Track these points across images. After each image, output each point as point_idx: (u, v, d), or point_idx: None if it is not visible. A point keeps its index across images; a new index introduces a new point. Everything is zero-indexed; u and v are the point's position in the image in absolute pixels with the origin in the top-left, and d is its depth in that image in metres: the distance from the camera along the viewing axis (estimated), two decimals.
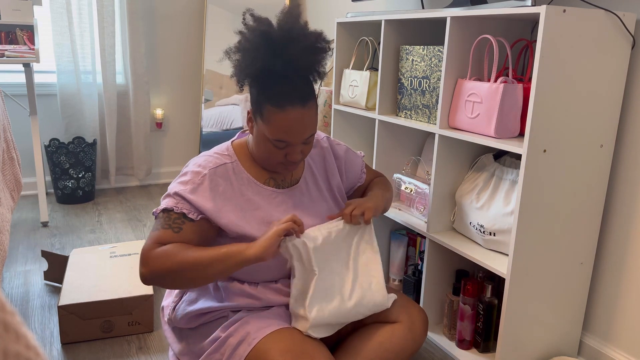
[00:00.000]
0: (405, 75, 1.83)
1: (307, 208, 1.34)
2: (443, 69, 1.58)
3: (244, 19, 1.21)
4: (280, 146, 1.22)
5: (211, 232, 1.25)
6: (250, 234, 1.24)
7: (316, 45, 1.20)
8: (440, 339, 1.77)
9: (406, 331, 1.34)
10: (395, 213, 1.91)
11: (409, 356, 1.34)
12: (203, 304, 1.30)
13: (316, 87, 1.29)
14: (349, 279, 1.29)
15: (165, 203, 1.22)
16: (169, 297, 1.42)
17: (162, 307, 1.44)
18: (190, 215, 1.20)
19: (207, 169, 1.24)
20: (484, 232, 1.59)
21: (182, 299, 1.36)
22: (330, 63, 2.44)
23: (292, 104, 1.16)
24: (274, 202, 1.30)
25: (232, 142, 1.34)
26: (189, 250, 1.17)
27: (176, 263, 1.15)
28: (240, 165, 1.29)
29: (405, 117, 1.85)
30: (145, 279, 1.18)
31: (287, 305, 1.31)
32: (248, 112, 1.27)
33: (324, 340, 1.37)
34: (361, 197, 1.50)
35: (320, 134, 1.47)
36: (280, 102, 1.16)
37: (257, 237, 1.24)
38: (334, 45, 1.97)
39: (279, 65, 1.16)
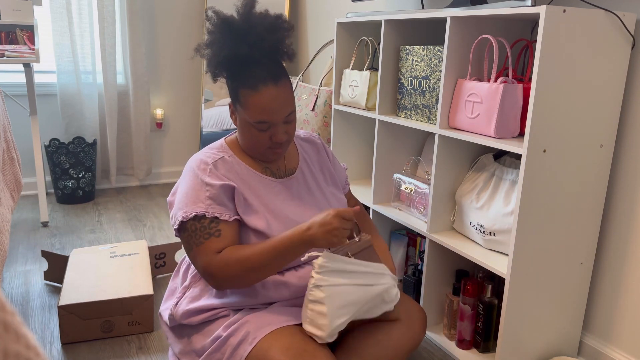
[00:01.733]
0: (405, 75, 1.83)
1: (304, 197, 1.37)
2: (443, 69, 1.58)
3: (207, 16, 1.25)
4: (263, 128, 1.24)
5: (243, 228, 1.28)
6: (258, 227, 1.26)
7: (275, 25, 1.24)
8: (440, 339, 1.77)
9: (404, 329, 1.34)
10: (395, 213, 1.91)
11: (407, 354, 1.35)
12: (205, 301, 1.31)
13: (288, 67, 1.34)
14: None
15: (193, 210, 1.22)
16: (168, 301, 1.42)
17: (160, 313, 1.43)
18: (223, 218, 1.22)
19: (211, 161, 1.28)
20: (484, 232, 1.59)
21: (185, 295, 1.36)
22: (330, 63, 2.44)
23: (264, 83, 1.20)
24: (273, 190, 1.33)
25: (224, 139, 1.38)
26: (247, 250, 1.19)
27: (241, 269, 1.18)
28: (238, 158, 1.32)
29: (405, 117, 1.85)
30: (219, 288, 1.22)
31: (287, 302, 1.31)
32: (229, 105, 1.31)
33: None
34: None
35: (313, 133, 1.51)
36: (253, 84, 1.20)
37: (263, 229, 1.25)
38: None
39: (244, 50, 1.21)
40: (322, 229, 1.14)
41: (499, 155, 1.69)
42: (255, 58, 1.22)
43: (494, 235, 1.56)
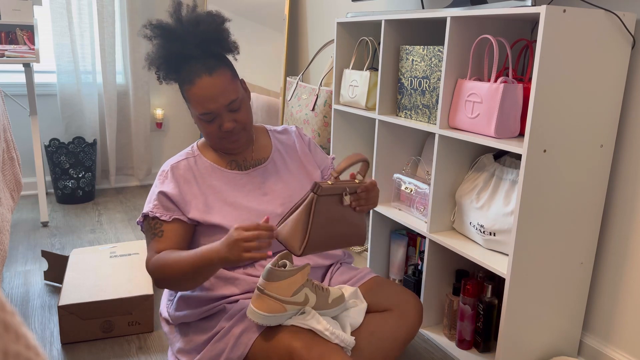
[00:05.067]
0: (405, 75, 1.83)
1: (274, 186, 1.40)
2: (443, 69, 1.58)
3: (145, 27, 1.33)
4: (208, 119, 1.30)
5: (188, 229, 1.33)
6: (215, 222, 1.31)
7: (199, 19, 1.31)
8: (440, 339, 1.77)
9: (398, 319, 1.33)
10: (395, 213, 1.91)
11: (403, 344, 1.33)
12: (196, 297, 1.34)
13: (232, 58, 1.40)
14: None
15: (146, 211, 1.33)
16: (165, 296, 1.45)
17: (160, 312, 1.45)
18: (163, 218, 1.30)
19: (168, 166, 1.37)
20: (484, 232, 1.59)
21: (177, 294, 1.40)
22: (330, 63, 2.44)
23: (198, 75, 1.27)
24: (238, 183, 1.37)
25: (197, 141, 1.46)
26: (171, 258, 1.22)
27: (168, 274, 1.22)
28: (203, 157, 1.39)
29: (405, 117, 1.85)
30: (158, 286, 1.29)
31: None
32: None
33: None
34: None
35: (290, 126, 1.56)
36: (190, 79, 1.28)
37: (222, 223, 1.31)
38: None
39: (177, 47, 1.28)
40: (226, 247, 1.14)
41: (499, 155, 1.69)
42: (189, 54, 1.28)
43: (494, 235, 1.56)
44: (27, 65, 2.70)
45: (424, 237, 1.82)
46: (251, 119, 1.37)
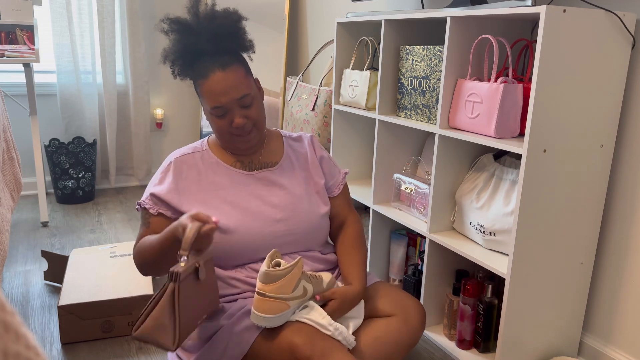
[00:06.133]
0: (405, 75, 1.83)
1: (277, 191, 1.39)
2: (443, 69, 1.58)
3: (162, 22, 1.35)
4: (219, 113, 1.31)
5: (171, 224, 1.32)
6: None
7: (219, 15, 1.32)
8: (440, 339, 1.77)
9: (401, 324, 1.33)
10: (395, 213, 1.91)
11: (406, 349, 1.34)
12: None
13: (247, 56, 1.41)
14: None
15: (142, 196, 1.37)
16: None
17: None
18: (150, 211, 1.33)
19: (174, 157, 1.38)
20: (484, 232, 1.59)
21: None
22: (330, 63, 2.44)
23: (212, 70, 1.29)
24: (242, 182, 1.38)
25: (208, 137, 1.46)
26: (145, 243, 1.28)
27: (143, 256, 1.28)
28: (211, 153, 1.41)
29: (405, 117, 1.85)
30: (142, 273, 1.34)
31: None
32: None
33: None
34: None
35: (305, 133, 1.54)
36: (203, 73, 1.30)
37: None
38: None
39: (192, 41, 1.30)
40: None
41: (499, 155, 1.69)
42: (202, 49, 1.30)
43: (494, 235, 1.56)
44: (27, 65, 2.70)
45: (424, 237, 1.82)
46: (263, 118, 1.37)
